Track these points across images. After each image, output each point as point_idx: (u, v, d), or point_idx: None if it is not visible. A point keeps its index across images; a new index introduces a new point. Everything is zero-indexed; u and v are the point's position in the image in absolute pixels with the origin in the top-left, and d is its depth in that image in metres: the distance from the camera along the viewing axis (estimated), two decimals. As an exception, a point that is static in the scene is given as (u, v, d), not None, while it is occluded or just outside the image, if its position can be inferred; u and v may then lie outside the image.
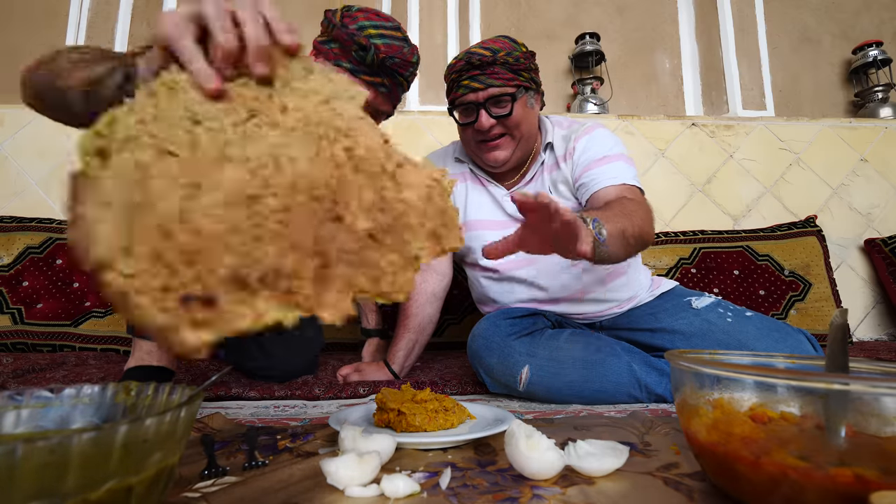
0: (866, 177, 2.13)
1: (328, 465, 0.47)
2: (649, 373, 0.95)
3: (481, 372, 0.99)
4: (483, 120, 1.04)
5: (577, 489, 0.47)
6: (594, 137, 1.08)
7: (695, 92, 2.39)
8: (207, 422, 0.70)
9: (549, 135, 1.13)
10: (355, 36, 0.91)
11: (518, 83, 1.03)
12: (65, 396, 0.43)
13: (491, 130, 1.05)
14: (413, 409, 0.66)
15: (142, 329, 0.90)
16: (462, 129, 1.11)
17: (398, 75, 0.96)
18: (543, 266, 1.09)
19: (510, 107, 1.03)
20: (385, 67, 0.93)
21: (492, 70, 1.01)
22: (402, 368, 1.15)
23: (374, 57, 0.90)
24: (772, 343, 0.95)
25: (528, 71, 1.04)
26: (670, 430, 0.68)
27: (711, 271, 1.79)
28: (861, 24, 2.44)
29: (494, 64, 1.01)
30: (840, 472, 0.35)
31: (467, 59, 1.02)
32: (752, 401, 0.45)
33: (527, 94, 1.06)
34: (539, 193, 0.61)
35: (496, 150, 1.08)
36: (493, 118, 1.03)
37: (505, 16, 2.39)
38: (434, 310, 1.20)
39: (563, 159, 1.10)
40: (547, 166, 1.13)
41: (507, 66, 1.02)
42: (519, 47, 1.05)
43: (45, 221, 1.76)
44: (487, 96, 1.02)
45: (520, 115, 1.05)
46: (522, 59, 1.03)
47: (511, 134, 1.06)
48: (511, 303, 1.13)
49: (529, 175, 1.14)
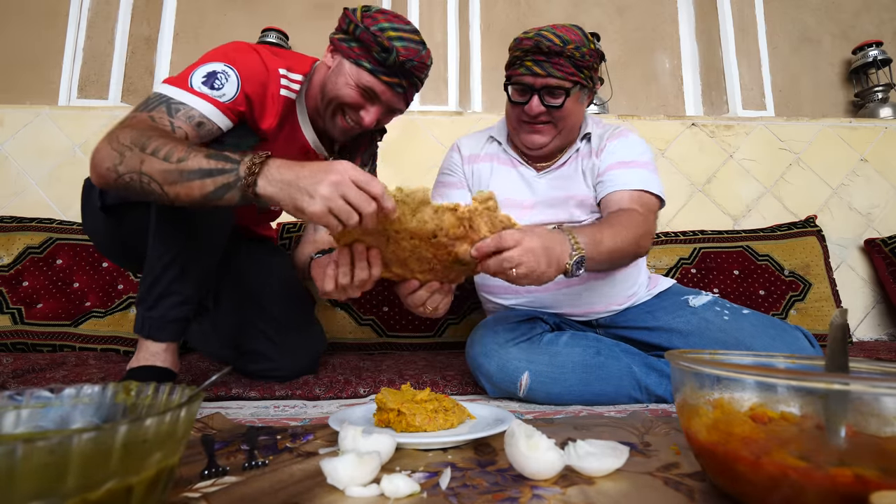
0: (866, 177, 2.13)
1: (328, 465, 0.47)
2: (649, 374, 0.95)
3: (481, 378, 0.99)
4: (534, 105, 1.05)
5: (577, 489, 0.47)
6: (626, 141, 1.12)
7: (695, 92, 2.39)
8: (207, 422, 0.70)
9: (587, 126, 1.17)
10: (378, 37, 0.92)
11: (577, 79, 1.03)
12: (65, 396, 0.43)
13: (538, 117, 1.07)
14: (413, 409, 0.66)
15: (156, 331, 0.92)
16: (511, 106, 1.12)
17: (415, 77, 0.98)
18: None
19: (563, 100, 1.04)
20: (404, 69, 0.95)
21: (557, 60, 1.02)
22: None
23: (395, 59, 0.92)
24: (769, 340, 0.95)
25: (590, 69, 1.05)
26: (670, 430, 0.68)
27: (711, 271, 1.79)
28: (861, 24, 2.44)
29: (561, 55, 1.01)
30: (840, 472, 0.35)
31: (536, 42, 1.02)
32: (753, 401, 0.45)
33: (581, 90, 1.07)
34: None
35: (537, 133, 1.10)
36: (545, 106, 1.05)
37: (505, 15, 2.39)
38: None
39: (597, 154, 1.14)
40: (582, 153, 1.16)
41: (572, 59, 1.02)
42: (588, 43, 1.04)
43: (45, 221, 1.76)
44: (545, 84, 1.03)
45: (569, 109, 1.07)
46: (588, 56, 1.04)
47: (555, 125, 1.09)
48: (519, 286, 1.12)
49: (563, 160, 1.16)
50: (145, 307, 0.94)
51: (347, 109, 1.00)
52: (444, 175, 1.24)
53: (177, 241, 0.91)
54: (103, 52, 2.16)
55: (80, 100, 2.11)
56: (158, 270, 0.92)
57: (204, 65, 0.90)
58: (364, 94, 0.97)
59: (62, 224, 1.75)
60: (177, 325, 0.95)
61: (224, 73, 0.90)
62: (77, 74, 2.15)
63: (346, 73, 0.96)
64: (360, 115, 0.99)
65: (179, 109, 0.86)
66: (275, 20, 2.29)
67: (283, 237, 1.72)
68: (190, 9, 2.33)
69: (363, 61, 0.95)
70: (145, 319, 0.94)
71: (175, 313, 0.94)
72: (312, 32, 2.30)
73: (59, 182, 1.97)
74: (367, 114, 0.99)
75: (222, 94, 0.89)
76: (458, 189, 1.21)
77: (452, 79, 2.19)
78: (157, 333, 0.93)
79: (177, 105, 0.86)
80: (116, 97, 2.14)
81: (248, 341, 1.12)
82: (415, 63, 0.95)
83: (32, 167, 1.97)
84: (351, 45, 0.96)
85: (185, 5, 2.34)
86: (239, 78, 0.91)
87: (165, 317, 0.93)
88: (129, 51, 2.21)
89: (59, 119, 2.02)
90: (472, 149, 1.23)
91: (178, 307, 0.94)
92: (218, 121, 0.89)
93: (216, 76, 0.89)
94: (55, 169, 1.98)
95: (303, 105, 1.05)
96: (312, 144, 1.09)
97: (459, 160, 1.22)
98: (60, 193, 1.96)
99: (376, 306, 1.64)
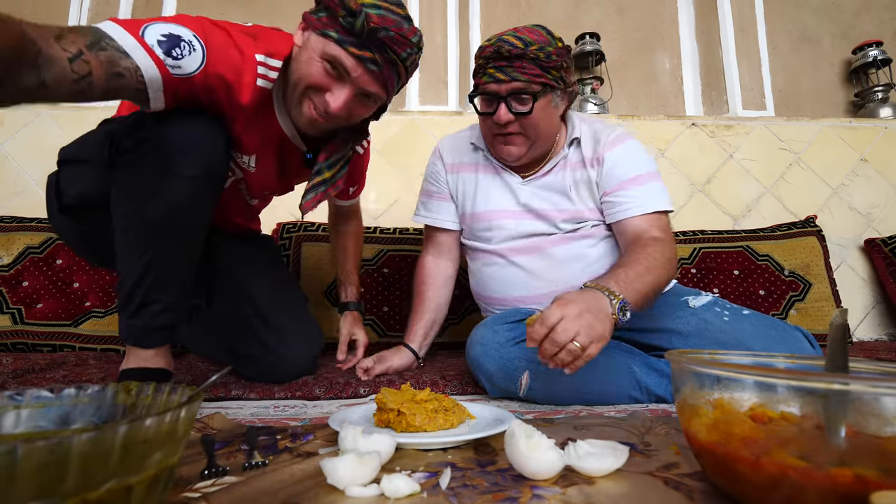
0: (866, 177, 2.13)
1: (328, 465, 0.47)
2: (649, 374, 0.95)
3: (481, 378, 0.99)
4: (501, 113, 1.01)
5: (577, 489, 0.47)
6: (627, 151, 1.07)
7: (695, 92, 2.39)
8: (207, 422, 0.70)
9: (575, 129, 1.10)
10: (346, 1, 0.80)
11: (544, 81, 0.99)
12: (65, 396, 0.43)
13: (508, 126, 1.03)
14: (413, 409, 0.66)
15: (146, 338, 0.90)
16: (481, 119, 1.09)
17: (390, 51, 0.83)
18: (550, 262, 1.09)
19: (531, 105, 1.00)
20: (376, 39, 0.81)
21: (519, 63, 0.97)
22: (420, 346, 1.15)
23: (363, 24, 0.79)
24: (769, 341, 0.95)
25: (558, 69, 1.00)
26: (670, 430, 0.68)
27: (711, 271, 1.79)
28: (861, 24, 2.44)
29: (523, 58, 0.97)
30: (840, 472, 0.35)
31: (497, 48, 0.98)
32: (752, 401, 0.45)
33: (552, 93, 1.02)
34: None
35: (511, 145, 1.06)
36: (513, 113, 1.01)
37: (505, 15, 2.39)
38: (448, 291, 1.23)
39: (591, 164, 1.08)
40: (570, 162, 1.10)
41: (536, 61, 0.97)
42: (554, 42, 1.00)
43: (44, 221, 1.75)
44: (510, 90, 0.99)
45: (540, 115, 1.02)
46: (555, 55, 0.99)
47: (526, 134, 1.04)
48: (508, 297, 1.13)
49: (549, 167, 1.12)
50: (127, 315, 0.88)
51: (313, 94, 0.87)
52: (429, 184, 1.24)
53: (147, 247, 0.85)
54: (103, 52, 2.16)
55: (80, 100, 2.11)
56: (134, 278, 0.86)
57: (169, 23, 0.76)
58: (330, 70, 0.84)
59: (62, 224, 1.75)
60: (162, 332, 0.91)
61: (190, 43, 0.76)
62: (77, 74, 2.14)
63: (311, 48, 0.84)
64: (326, 99, 0.85)
65: (105, 49, 0.68)
66: (274, 20, 2.28)
67: (283, 237, 1.72)
68: (190, 9, 2.33)
69: (329, 31, 0.81)
70: (129, 327, 0.89)
71: (159, 321, 0.89)
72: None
73: (59, 182, 1.97)
74: (334, 98, 0.85)
75: (177, 65, 0.74)
76: (443, 201, 1.21)
77: (452, 79, 2.19)
78: (144, 341, 0.90)
79: (106, 43, 0.69)
80: (116, 97, 2.14)
81: (241, 345, 1.09)
82: (390, 33, 0.81)
83: (32, 167, 1.97)
84: (319, 16, 0.84)
85: (184, 5, 2.34)
86: (205, 58, 0.77)
87: (149, 325, 0.88)
88: (129, 51, 2.21)
89: (59, 119, 2.02)
90: (454, 155, 1.21)
91: (160, 315, 0.88)
92: (149, 78, 0.73)
93: (179, 42, 0.74)
94: (55, 169, 1.97)
95: (280, 91, 0.93)
96: (289, 135, 0.99)
97: (442, 168, 1.22)
98: (60, 193, 1.96)
99: (376, 306, 1.64)
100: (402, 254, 1.70)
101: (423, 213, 1.25)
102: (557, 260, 1.09)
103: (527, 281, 1.11)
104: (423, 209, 1.25)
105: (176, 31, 0.75)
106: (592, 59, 2.25)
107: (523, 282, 1.12)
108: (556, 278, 1.09)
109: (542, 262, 1.10)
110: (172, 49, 0.74)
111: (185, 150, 0.82)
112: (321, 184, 0.96)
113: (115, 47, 0.70)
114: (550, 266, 1.10)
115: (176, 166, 0.82)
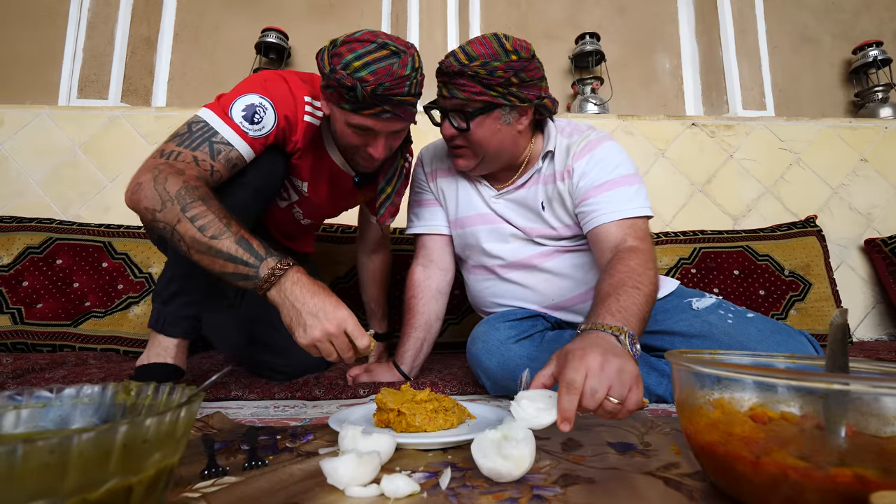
0: (866, 177, 2.13)
1: (328, 465, 0.47)
2: (649, 374, 0.95)
3: (482, 376, 0.99)
4: (444, 128, 1.01)
5: (577, 489, 0.47)
6: (594, 158, 1.01)
7: (695, 92, 2.39)
8: (207, 422, 0.70)
9: (550, 142, 1.06)
10: (341, 79, 0.89)
11: (486, 99, 0.95)
12: (65, 396, 0.43)
13: (454, 140, 1.02)
14: (413, 409, 0.66)
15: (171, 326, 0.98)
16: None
17: (395, 97, 0.92)
18: (542, 277, 1.09)
19: (466, 123, 0.98)
20: (380, 97, 0.90)
21: (459, 81, 0.95)
22: (411, 369, 1.13)
23: (362, 94, 0.89)
24: (773, 346, 0.93)
25: (505, 86, 0.95)
26: (670, 430, 0.68)
27: (711, 271, 1.79)
28: (861, 24, 2.44)
29: (462, 75, 0.94)
30: (840, 472, 0.35)
31: (441, 63, 0.98)
32: (753, 401, 0.45)
33: (499, 109, 0.97)
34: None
35: (459, 157, 1.06)
36: (455, 129, 1.00)
37: (505, 15, 2.39)
38: (440, 306, 1.18)
39: (562, 177, 1.04)
40: (543, 177, 1.06)
41: (476, 78, 0.93)
42: (503, 56, 0.94)
43: (45, 221, 1.76)
44: (452, 106, 0.98)
45: (481, 132, 0.98)
46: (501, 70, 0.93)
47: (472, 149, 1.02)
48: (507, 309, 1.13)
49: (521, 181, 1.08)
50: (161, 301, 1.00)
51: (356, 150, 1.02)
52: (416, 193, 1.24)
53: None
54: (103, 52, 2.16)
55: (80, 100, 2.12)
56: (181, 269, 0.98)
57: (242, 96, 0.95)
58: (360, 133, 0.97)
59: (62, 224, 1.75)
60: (188, 323, 1.01)
61: (262, 106, 0.95)
62: (77, 74, 2.15)
63: (338, 119, 0.97)
64: (369, 151, 1.00)
65: (220, 151, 0.91)
66: (275, 20, 2.29)
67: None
68: (190, 9, 2.33)
69: (343, 104, 0.93)
70: (160, 314, 0.99)
71: (188, 311, 1.00)
72: (312, 32, 2.31)
73: (59, 182, 1.97)
74: (374, 149, 0.99)
75: (260, 127, 0.95)
76: (434, 207, 1.20)
77: (452, 79, 2.19)
78: (171, 329, 0.99)
79: (218, 146, 0.91)
80: (116, 97, 2.14)
81: (261, 334, 1.15)
82: (386, 84, 0.89)
83: (32, 167, 1.97)
84: (329, 91, 0.94)
85: (184, 5, 2.34)
86: (276, 112, 0.96)
87: (178, 313, 0.99)
88: (128, 51, 2.21)
89: (59, 119, 2.02)
90: (433, 162, 1.20)
91: (189, 307, 1.00)
92: (248, 157, 0.96)
93: (255, 110, 0.94)
94: (55, 169, 1.98)
95: (328, 127, 1.06)
96: (340, 165, 1.11)
97: (424, 176, 1.21)
98: (60, 193, 1.96)
99: (376, 306, 1.64)
100: (402, 254, 1.71)
101: (417, 223, 1.22)
102: (552, 273, 1.08)
103: (524, 294, 1.11)
104: (416, 220, 1.23)
105: (248, 101, 0.94)
106: (592, 59, 2.25)
107: (520, 295, 1.11)
108: (553, 293, 1.09)
109: (536, 276, 1.09)
110: (252, 118, 0.94)
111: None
112: (387, 199, 1.11)
113: (223, 142, 0.91)
114: (548, 279, 1.09)
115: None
